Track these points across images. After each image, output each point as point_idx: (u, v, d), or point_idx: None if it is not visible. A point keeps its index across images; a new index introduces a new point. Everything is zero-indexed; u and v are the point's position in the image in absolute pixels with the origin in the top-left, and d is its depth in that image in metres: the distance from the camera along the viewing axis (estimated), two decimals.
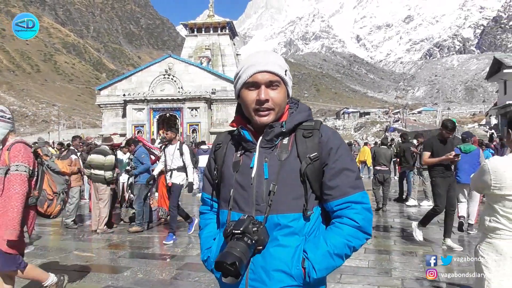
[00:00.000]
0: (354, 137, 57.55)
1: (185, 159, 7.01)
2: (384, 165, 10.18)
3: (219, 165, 1.68)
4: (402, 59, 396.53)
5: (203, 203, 1.83)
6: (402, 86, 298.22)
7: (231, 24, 46.38)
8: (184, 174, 7.08)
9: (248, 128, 1.60)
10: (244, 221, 1.45)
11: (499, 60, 36.38)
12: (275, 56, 1.59)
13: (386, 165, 10.22)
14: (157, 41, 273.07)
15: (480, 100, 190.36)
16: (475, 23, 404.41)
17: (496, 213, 2.51)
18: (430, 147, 6.25)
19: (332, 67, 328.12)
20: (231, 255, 1.36)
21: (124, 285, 4.75)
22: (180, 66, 36.25)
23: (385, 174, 10.13)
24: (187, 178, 7.14)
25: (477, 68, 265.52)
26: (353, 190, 1.54)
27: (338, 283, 4.62)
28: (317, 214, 1.58)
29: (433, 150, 6.17)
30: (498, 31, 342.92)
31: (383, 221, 8.69)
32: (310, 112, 1.66)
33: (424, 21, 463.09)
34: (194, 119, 34.36)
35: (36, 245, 6.80)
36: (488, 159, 2.66)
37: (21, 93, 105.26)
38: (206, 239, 1.72)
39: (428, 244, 6.52)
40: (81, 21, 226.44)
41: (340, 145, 1.57)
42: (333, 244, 1.48)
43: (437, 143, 6.22)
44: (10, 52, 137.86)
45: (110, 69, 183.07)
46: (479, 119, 61.21)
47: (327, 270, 1.49)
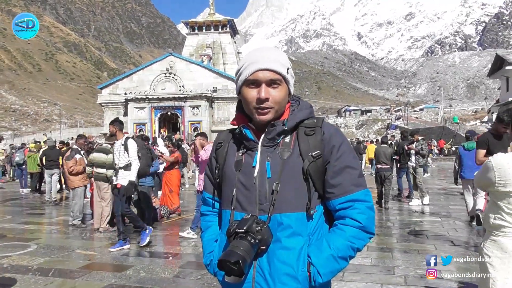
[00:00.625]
0: (356, 134, 57.49)
1: (130, 155, 6.28)
2: (384, 163, 10.28)
3: (220, 164, 1.65)
4: (403, 57, 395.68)
5: (204, 203, 1.80)
6: (403, 84, 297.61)
7: (232, 22, 46.29)
8: None
9: (249, 127, 1.58)
10: (248, 220, 1.43)
11: (501, 57, 36.32)
12: (278, 54, 1.55)
13: (387, 163, 10.29)
14: (158, 40, 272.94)
15: (482, 97, 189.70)
16: (476, 19, 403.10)
17: (501, 211, 2.49)
18: (485, 144, 5.68)
19: (333, 64, 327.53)
20: (235, 254, 1.34)
21: (127, 284, 4.76)
22: (181, 64, 36.22)
23: (385, 172, 10.20)
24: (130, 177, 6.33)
25: (479, 65, 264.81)
26: (355, 188, 1.52)
27: (341, 281, 4.61)
28: (320, 213, 1.56)
29: (489, 147, 5.58)
30: (500, 28, 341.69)
31: (385, 218, 8.68)
32: (312, 110, 1.63)
33: (425, 18, 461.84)
34: (196, 118, 34.35)
35: (39, 244, 6.82)
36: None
37: (22, 92, 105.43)
38: (208, 242, 1.70)
39: (431, 242, 6.51)
40: (82, 20, 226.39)
41: (342, 143, 1.55)
42: (336, 247, 1.47)
43: (492, 139, 5.69)
44: (11, 52, 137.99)
45: (111, 68, 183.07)
46: (481, 116, 60.99)
47: (332, 274, 1.49)
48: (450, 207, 10.20)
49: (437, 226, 7.76)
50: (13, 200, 13.04)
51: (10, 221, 9.27)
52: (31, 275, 5.15)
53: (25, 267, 5.49)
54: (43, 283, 4.81)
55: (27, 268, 5.46)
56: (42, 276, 5.08)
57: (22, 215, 10.24)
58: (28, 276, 5.11)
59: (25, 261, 5.81)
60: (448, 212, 9.45)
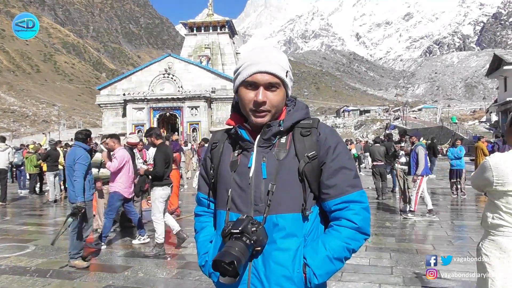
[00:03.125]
0: (355, 135, 57.52)
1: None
2: (379, 160, 11.50)
3: (215, 164, 1.64)
4: (401, 57, 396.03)
5: (199, 204, 1.78)
6: (402, 84, 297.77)
7: (231, 22, 46.32)
8: None
9: (245, 127, 1.57)
10: (243, 221, 1.43)
11: (499, 56, 36.39)
12: (278, 56, 1.52)
13: (381, 160, 11.48)
14: (156, 41, 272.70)
15: (480, 97, 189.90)
16: (474, 20, 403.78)
17: (499, 210, 2.49)
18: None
19: (332, 65, 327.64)
20: (230, 255, 1.33)
21: (125, 284, 4.76)
22: (180, 65, 36.24)
23: (380, 168, 11.43)
24: None
25: (477, 65, 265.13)
26: (351, 189, 1.52)
27: (339, 281, 4.62)
28: (315, 214, 1.56)
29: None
30: (498, 28, 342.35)
31: (384, 218, 8.69)
32: (308, 110, 1.63)
33: (423, 18, 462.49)
34: (194, 118, 34.36)
35: (37, 245, 6.81)
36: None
37: (21, 93, 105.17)
38: (203, 244, 1.69)
39: (429, 242, 6.52)
40: (80, 21, 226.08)
41: (338, 144, 1.55)
42: (332, 248, 1.46)
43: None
44: (10, 53, 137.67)
45: (110, 68, 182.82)
46: (480, 116, 61.10)
47: (328, 275, 1.48)
48: (448, 207, 10.22)
49: (435, 226, 7.77)
50: (12, 201, 13.02)
51: (8, 222, 9.26)
52: (29, 276, 5.15)
53: (23, 268, 5.48)
54: (41, 284, 4.80)
55: (25, 269, 5.45)
56: (40, 277, 5.07)
57: (21, 216, 10.23)
58: (26, 277, 5.11)
59: (23, 262, 5.81)
60: (446, 212, 9.46)
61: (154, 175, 6.16)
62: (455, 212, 9.63)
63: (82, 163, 5.54)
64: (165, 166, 6.16)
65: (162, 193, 6.16)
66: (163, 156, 6.15)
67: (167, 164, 6.23)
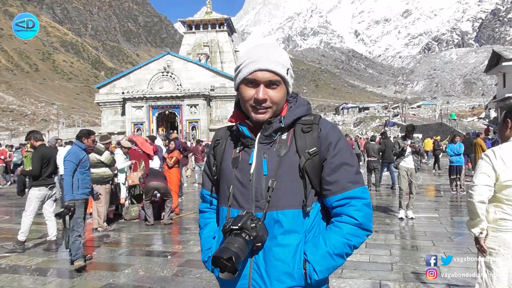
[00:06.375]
0: (354, 132, 57.52)
1: None
2: (373, 156, 13.11)
3: (218, 161, 1.65)
4: (400, 54, 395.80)
5: (203, 200, 1.81)
6: (401, 81, 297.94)
7: (229, 20, 46.27)
8: None
9: (246, 124, 1.57)
10: (243, 217, 1.43)
11: (498, 53, 36.35)
12: (279, 53, 1.52)
13: (375, 156, 13.07)
14: (155, 39, 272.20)
15: (479, 94, 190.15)
16: (473, 16, 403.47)
17: (501, 203, 2.51)
18: None
19: (331, 62, 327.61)
20: (228, 251, 1.34)
21: (126, 283, 4.76)
22: (179, 63, 36.21)
23: (374, 163, 13.08)
24: None
25: (476, 62, 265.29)
26: (352, 185, 1.51)
27: (340, 278, 4.62)
28: (317, 210, 1.55)
29: None
30: (497, 24, 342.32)
31: (384, 215, 8.70)
32: (309, 106, 1.62)
33: (422, 15, 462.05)
34: (194, 116, 34.35)
35: (37, 243, 6.81)
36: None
37: (20, 92, 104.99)
38: (207, 239, 1.70)
39: (429, 238, 6.52)
40: (79, 19, 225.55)
41: (339, 140, 1.54)
42: (332, 244, 1.46)
43: None
44: (8, 52, 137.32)
45: (109, 67, 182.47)
46: (478, 113, 61.10)
47: (328, 271, 1.48)
48: (447, 203, 10.23)
49: (435, 223, 7.78)
50: (11, 200, 13.00)
51: (8, 221, 9.26)
52: (29, 275, 5.14)
53: (23, 267, 5.48)
54: (41, 283, 4.80)
55: (25, 268, 5.45)
56: (40, 276, 5.07)
57: (20, 215, 10.19)
58: (26, 276, 5.11)
59: (23, 261, 5.80)
60: (445, 208, 9.47)
61: (31, 175, 6.54)
62: (455, 208, 9.63)
63: (70, 160, 5.55)
64: (43, 166, 6.48)
65: (37, 194, 6.50)
66: (40, 157, 6.45)
67: (46, 165, 6.52)
